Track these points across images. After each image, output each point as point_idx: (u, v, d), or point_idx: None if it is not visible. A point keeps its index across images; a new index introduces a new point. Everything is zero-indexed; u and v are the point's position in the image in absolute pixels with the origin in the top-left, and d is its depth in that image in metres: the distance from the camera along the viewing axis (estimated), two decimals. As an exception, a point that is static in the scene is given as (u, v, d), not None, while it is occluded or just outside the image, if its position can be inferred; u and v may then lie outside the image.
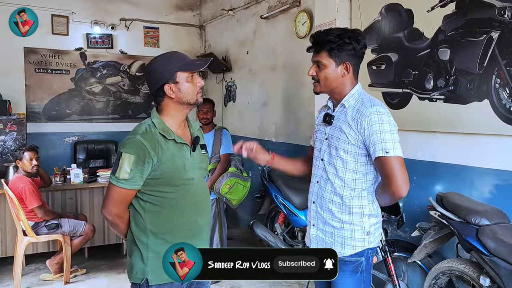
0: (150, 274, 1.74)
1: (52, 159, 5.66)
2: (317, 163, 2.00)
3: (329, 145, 1.93)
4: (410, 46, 3.17)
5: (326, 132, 1.96)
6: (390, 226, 3.42)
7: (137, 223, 1.79)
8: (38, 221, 3.72)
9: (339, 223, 1.89)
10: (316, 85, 1.94)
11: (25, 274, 3.99)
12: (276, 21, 4.81)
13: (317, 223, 1.97)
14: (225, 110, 6.10)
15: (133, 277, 1.78)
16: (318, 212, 1.95)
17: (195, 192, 1.84)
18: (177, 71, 1.73)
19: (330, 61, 1.86)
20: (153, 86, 1.80)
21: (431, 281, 2.69)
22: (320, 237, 1.95)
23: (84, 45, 6.18)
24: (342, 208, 1.88)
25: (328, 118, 1.94)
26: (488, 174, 2.71)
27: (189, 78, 1.75)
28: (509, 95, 2.53)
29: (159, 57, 1.83)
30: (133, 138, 1.72)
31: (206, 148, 1.98)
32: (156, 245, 1.76)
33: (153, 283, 1.74)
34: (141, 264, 1.76)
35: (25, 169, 3.75)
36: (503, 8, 2.55)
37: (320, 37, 1.87)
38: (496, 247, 2.19)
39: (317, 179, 1.98)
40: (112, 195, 1.74)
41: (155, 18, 6.58)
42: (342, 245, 1.89)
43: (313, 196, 1.99)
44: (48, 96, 5.98)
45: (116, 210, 1.76)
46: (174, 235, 1.77)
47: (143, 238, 1.77)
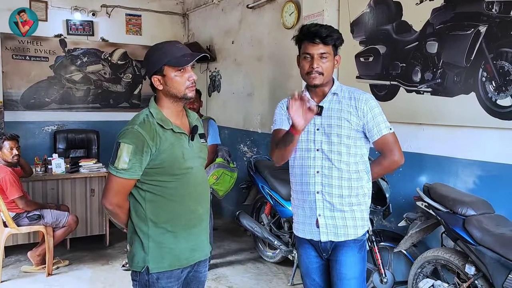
0: (151, 263, 1.75)
1: (31, 148, 5.51)
2: (311, 154, 2.00)
3: (327, 134, 1.98)
4: (398, 38, 3.20)
5: (316, 123, 2.00)
6: (376, 217, 3.47)
7: (137, 212, 1.79)
8: (19, 212, 3.63)
9: (349, 206, 1.98)
10: (319, 77, 1.96)
11: (5, 266, 3.90)
12: (263, 11, 4.77)
13: (324, 212, 1.99)
14: (209, 100, 6.04)
15: (134, 266, 1.79)
16: (326, 201, 1.98)
17: (195, 181, 1.83)
18: (165, 64, 1.72)
19: (332, 54, 1.99)
20: (146, 75, 1.82)
21: (416, 270, 2.75)
22: (330, 224, 1.99)
23: (64, 31, 6.00)
24: (351, 191, 1.98)
25: (318, 109, 1.91)
26: (473, 166, 2.77)
27: (177, 72, 1.73)
28: (495, 88, 2.59)
29: (154, 46, 1.82)
30: (131, 128, 1.72)
31: (205, 137, 1.97)
32: (157, 234, 1.76)
33: (153, 271, 1.75)
34: (142, 253, 1.77)
35: (5, 159, 3.65)
36: (491, 3, 2.59)
37: (333, 31, 1.96)
38: (482, 236, 2.25)
39: (317, 170, 1.99)
40: (111, 185, 1.74)
41: (138, 6, 6.44)
42: (355, 227, 2.00)
43: (317, 187, 1.99)
44: (26, 83, 5.80)
45: (116, 200, 1.76)
46: (174, 224, 1.78)
47: (144, 227, 1.77)
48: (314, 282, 2.11)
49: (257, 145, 4.96)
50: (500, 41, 2.54)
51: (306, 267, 2.12)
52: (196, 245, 1.84)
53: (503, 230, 2.24)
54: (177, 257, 1.78)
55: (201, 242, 1.86)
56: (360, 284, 2.01)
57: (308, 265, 2.10)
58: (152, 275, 1.74)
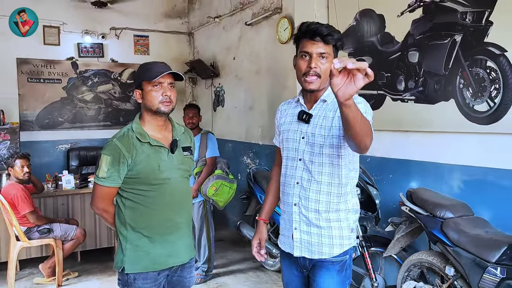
0: (126, 264, 1.92)
1: (46, 166, 5.78)
2: (293, 163, 1.88)
3: (310, 144, 1.83)
4: (382, 49, 3.32)
5: (302, 130, 1.87)
6: (369, 223, 3.55)
7: (119, 217, 1.97)
8: (30, 226, 3.84)
9: (326, 222, 1.83)
10: (316, 81, 1.77)
11: (19, 279, 4.10)
12: (260, 28, 4.95)
13: (300, 226, 1.86)
14: (214, 115, 6.23)
15: (115, 265, 1.98)
16: (302, 214, 1.85)
17: (172, 192, 1.97)
18: (143, 80, 1.90)
19: (333, 55, 1.78)
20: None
21: (404, 274, 2.82)
22: (305, 239, 1.86)
23: (76, 54, 6.31)
24: (329, 206, 1.82)
25: (305, 117, 1.85)
26: (456, 170, 2.85)
27: (153, 87, 1.90)
28: (472, 95, 2.68)
29: (140, 65, 2.02)
30: (111, 141, 1.92)
31: (190, 150, 2.09)
32: (134, 238, 1.93)
33: (128, 271, 1.92)
34: (121, 254, 1.95)
35: (17, 176, 3.88)
36: (464, 13, 2.69)
37: (335, 31, 1.78)
38: (458, 238, 2.32)
39: (297, 180, 1.87)
40: (95, 192, 1.95)
41: (145, 27, 6.72)
42: (330, 245, 1.83)
43: (294, 198, 1.87)
44: (41, 104, 6.10)
45: (101, 205, 1.96)
46: (150, 230, 1.94)
47: (123, 231, 1.95)
48: None
49: (259, 157, 5.09)
50: (475, 49, 2.64)
51: (287, 280, 2.03)
52: (172, 251, 1.97)
53: (478, 232, 2.31)
54: (152, 261, 1.92)
55: (177, 248, 2.00)
56: None
57: (288, 279, 2.02)
58: (129, 276, 1.90)
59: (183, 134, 2.09)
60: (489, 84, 2.57)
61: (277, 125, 2.05)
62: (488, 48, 2.55)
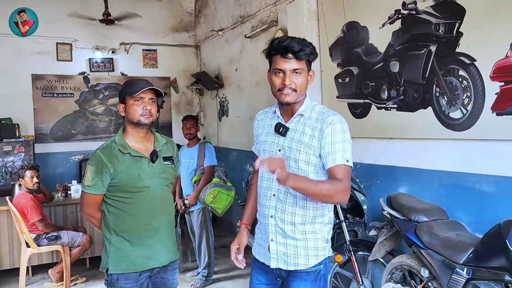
0: (110, 265, 2.11)
1: (59, 176, 6.06)
2: (269, 175, 1.88)
3: (286, 157, 1.84)
4: (367, 60, 3.44)
5: (279, 143, 1.89)
6: (360, 228, 3.65)
7: (104, 222, 2.17)
8: (39, 233, 4.08)
9: (301, 234, 1.86)
10: (292, 94, 1.81)
11: (31, 283, 4.34)
12: (258, 40, 5.13)
13: (276, 238, 1.89)
14: (219, 125, 6.42)
15: (101, 266, 2.17)
16: (278, 226, 1.88)
17: (151, 199, 2.15)
18: (126, 95, 2.09)
19: (306, 70, 1.83)
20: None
21: (386, 276, 2.91)
22: (281, 251, 1.89)
23: (87, 69, 6.61)
24: (305, 219, 1.86)
25: (282, 130, 1.88)
26: (436, 175, 2.93)
27: (134, 101, 2.08)
28: (447, 102, 2.77)
29: (125, 82, 2.22)
30: (95, 152, 2.12)
31: (171, 160, 2.26)
32: (117, 241, 2.12)
33: (112, 272, 2.10)
34: (105, 256, 2.15)
35: (27, 186, 4.13)
36: (437, 24, 2.80)
37: (306, 45, 1.80)
38: (430, 240, 2.41)
39: (273, 192, 1.89)
40: (82, 199, 2.16)
41: (153, 41, 6.99)
42: (306, 256, 1.87)
43: (271, 210, 1.89)
44: (55, 118, 6.41)
45: (88, 211, 2.17)
46: (131, 234, 2.12)
47: (108, 235, 2.15)
48: None
49: (260, 165, 5.23)
50: (448, 59, 2.74)
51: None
52: (151, 254, 2.14)
53: (449, 234, 2.40)
54: (131, 263, 2.10)
55: (156, 251, 2.16)
56: None
57: (256, 287, 2.01)
58: (113, 276, 2.08)
59: (165, 145, 2.26)
60: (461, 92, 2.66)
61: (255, 134, 2.09)
62: (460, 57, 2.65)
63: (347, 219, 3.32)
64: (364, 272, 3.25)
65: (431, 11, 2.83)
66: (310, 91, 1.99)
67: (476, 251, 2.19)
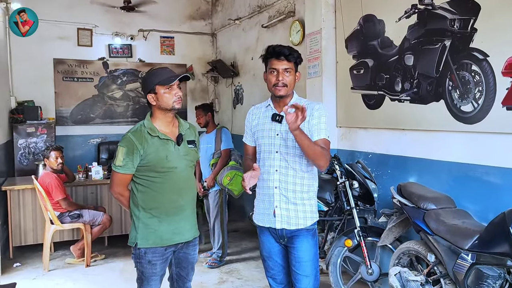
0: (139, 239, 2.26)
1: (79, 158, 6.28)
2: (271, 155, 2.35)
3: (284, 139, 2.32)
4: (382, 52, 3.54)
5: (276, 129, 2.35)
6: (370, 215, 3.78)
7: (133, 200, 2.32)
8: (63, 211, 4.28)
9: (301, 200, 2.35)
10: (283, 89, 2.30)
11: (54, 259, 4.56)
12: (275, 30, 5.23)
13: (280, 204, 2.34)
14: (234, 112, 6.56)
15: (129, 241, 2.32)
16: (282, 195, 2.33)
17: (178, 179, 2.31)
18: (156, 84, 2.21)
19: (294, 70, 2.35)
20: (144, 94, 2.33)
21: (394, 261, 3.04)
22: (284, 214, 2.34)
23: (106, 55, 6.78)
24: (303, 187, 2.36)
25: (278, 118, 2.34)
26: (446, 166, 3.05)
27: (166, 89, 2.22)
28: (459, 96, 2.87)
29: (148, 71, 2.35)
30: (126, 135, 2.27)
31: (194, 143, 2.42)
32: (145, 217, 2.27)
33: (140, 246, 2.26)
34: (134, 232, 2.29)
35: (51, 166, 4.32)
36: (453, 20, 2.89)
37: (294, 51, 2.33)
38: (437, 227, 2.54)
39: (276, 169, 2.34)
40: (113, 178, 2.31)
41: (170, 28, 7.11)
42: (305, 218, 2.36)
43: (275, 183, 2.34)
44: (75, 102, 6.61)
45: (118, 190, 2.31)
46: (158, 211, 2.28)
47: (136, 212, 2.29)
48: (276, 263, 2.44)
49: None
50: (462, 54, 2.84)
51: (268, 251, 2.44)
52: (177, 229, 2.30)
53: (456, 222, 2.52)
54: (159, 237, 2.26)
55: (181, 227, 2.32)
56: (314, 265, 2.37)
57: (270, 249, 2.43)
58: (141, 250, 2.24)
59: (188, 130, 2.42)
60: (473, 86, 2.76)
61: (250, 126, 2.50)
62: (473, 53, 2.74)
63: (357, 206, 3.45)
64: (372, 257, 3.39)
65: (447, 7, 2.92)
66: (326, 82, 2.92)
67: (481, 238, 2.31)
